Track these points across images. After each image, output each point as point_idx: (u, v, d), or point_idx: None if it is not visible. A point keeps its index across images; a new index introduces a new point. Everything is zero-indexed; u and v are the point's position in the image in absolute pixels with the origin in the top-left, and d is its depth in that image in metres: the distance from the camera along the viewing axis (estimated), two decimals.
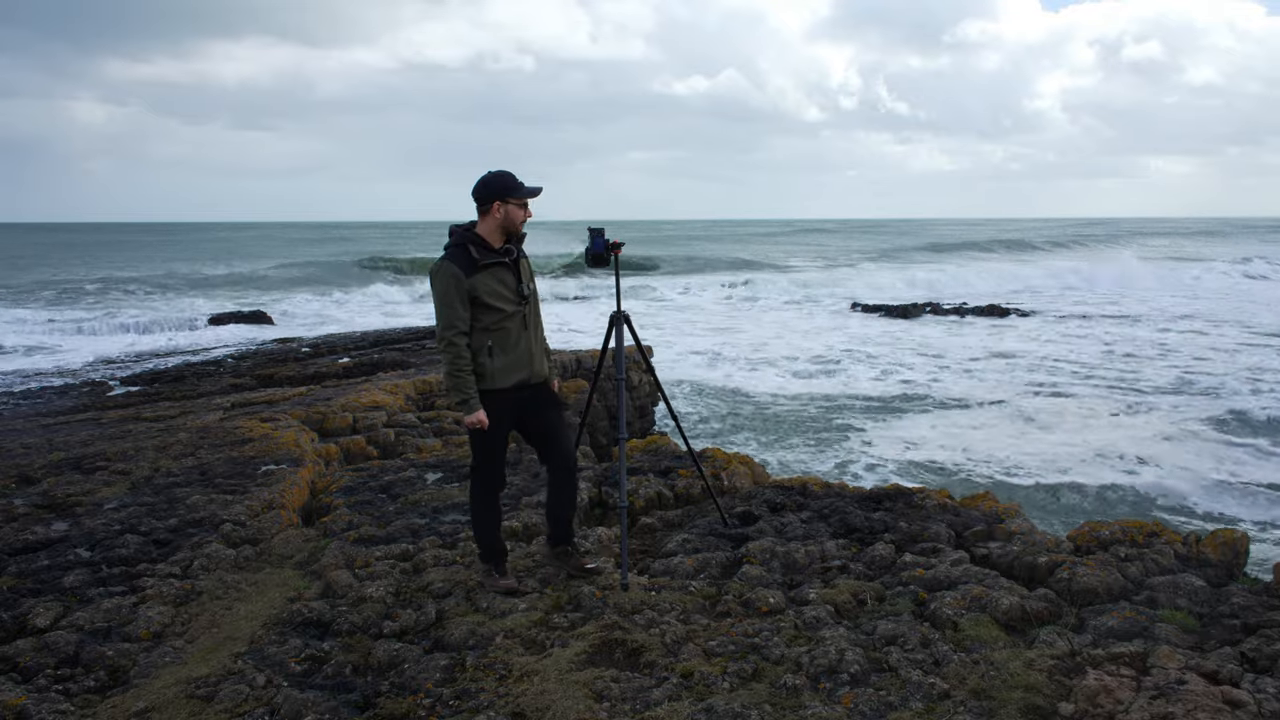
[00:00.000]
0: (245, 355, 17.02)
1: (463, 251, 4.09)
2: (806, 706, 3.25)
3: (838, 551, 4.83)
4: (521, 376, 4.25)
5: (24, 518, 5.69)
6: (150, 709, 3.43)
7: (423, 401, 9.91)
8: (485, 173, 4.17)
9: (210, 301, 32.83)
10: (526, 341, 4.26)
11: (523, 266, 4.27)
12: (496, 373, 4.17)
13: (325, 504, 6.09)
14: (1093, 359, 20.97)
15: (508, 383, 4.21)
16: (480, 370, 4.16)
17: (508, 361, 4.19)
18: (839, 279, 43.01)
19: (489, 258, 4.10)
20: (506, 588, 4.41)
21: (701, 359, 21.69)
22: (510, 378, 4.21)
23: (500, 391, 4.20)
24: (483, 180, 4.13)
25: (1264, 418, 14.78)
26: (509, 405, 4.25)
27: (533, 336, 4.30)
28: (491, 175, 4.13)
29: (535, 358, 4.31)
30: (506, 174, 4.15)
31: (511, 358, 4.20)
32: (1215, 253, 62.46)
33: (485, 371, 4.16)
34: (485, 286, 4.09)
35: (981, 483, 11.55)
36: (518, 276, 4.22)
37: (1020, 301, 33.94)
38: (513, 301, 4.18)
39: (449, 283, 4.04)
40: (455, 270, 4.05)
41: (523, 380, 4.26)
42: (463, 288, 4.04)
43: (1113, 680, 3.29)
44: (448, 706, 3.41)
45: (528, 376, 4.28)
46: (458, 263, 4.06)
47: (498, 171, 4.15)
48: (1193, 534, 4.75)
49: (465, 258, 4.07)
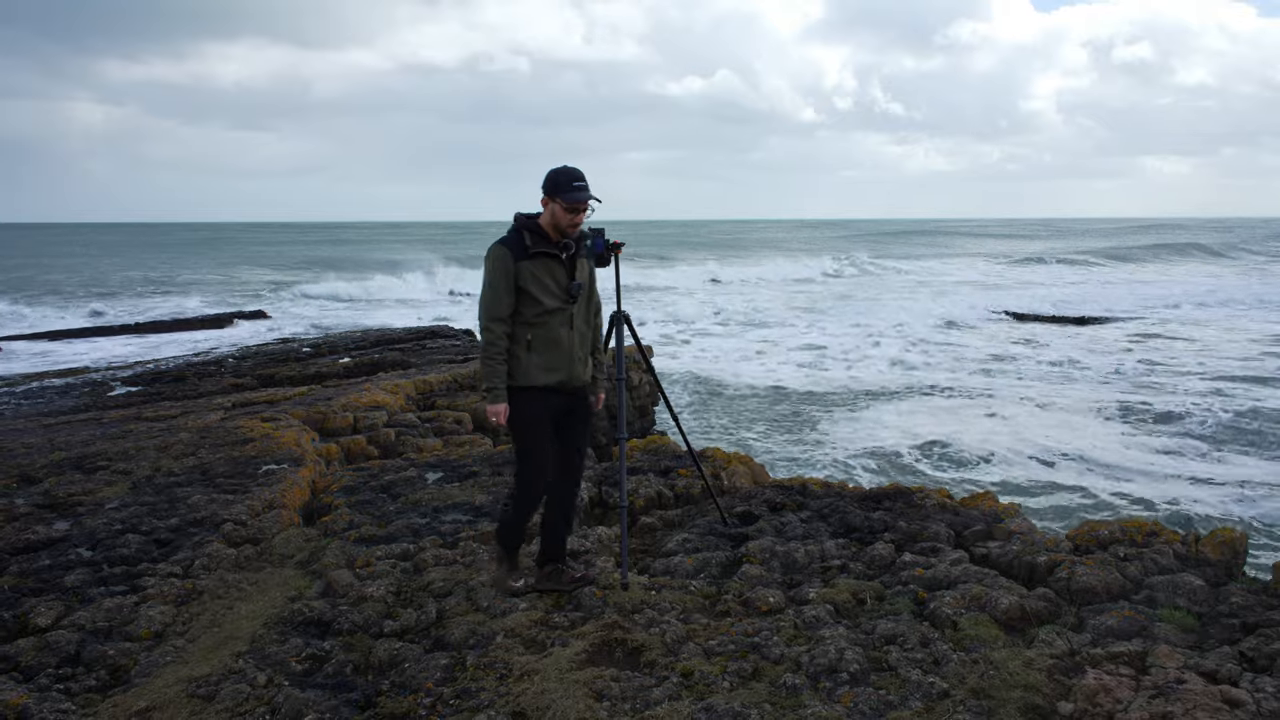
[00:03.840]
0: (246, 355, 17.03)
1: (517, 236, 3.99)
2: (806, 706, 3.25)
3: (837, 551, 4.83)
4: (559, 377, 4.06)
5: (25, 517, 5.70)
6: (151, 708, 3.44)
7: (423, 401, 9.92)
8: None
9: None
10: (569, 342, 4.07)
11: (580, 265, 4.09)
12: (531, 368, 4.02)
13: (326, 503, 6.09)
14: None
15: (543, 381, 4.03)
16: (514, 363, 4.02)
17: (546, 359, 4.02)
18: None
19: (541, 247, 3.97)
20: (512, 590, 4.32)
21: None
22: (547, 376, 4.03)
23: (534, 389, 4.04)
24: (548, 172, 4.02)
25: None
26: (545, 404, 4.07)
27: (577, 338, 4.10)
28: (554, 170, 4.00)
29: (576, 361, 4.11)
30: (565, 173, 3.98)
31: (550, 356, 4.03)
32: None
33: (519, 366, 4.02)
34: (531, 275, 3.96)
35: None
36: (570, 273, 4.05)
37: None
38: (558, 297, 4.01)
39: (496, 265, 3.96)
40: (505, 252, 3.96)
41: (560, 382, 4.07)
42: (510, 272, 3.94)
43: (1112, 679, 3.30)
44: (448, 706, 3.42)
45: (565, 379, 4.08)
46: (509, 245, 3.97)
47: (560, 168, 4.00)
48: (1192, 533, 4.75)
49: (518, 242, 3.97)
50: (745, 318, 30.80)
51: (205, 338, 22.93)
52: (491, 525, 5.37)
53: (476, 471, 6.60)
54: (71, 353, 20.54)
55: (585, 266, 4.15)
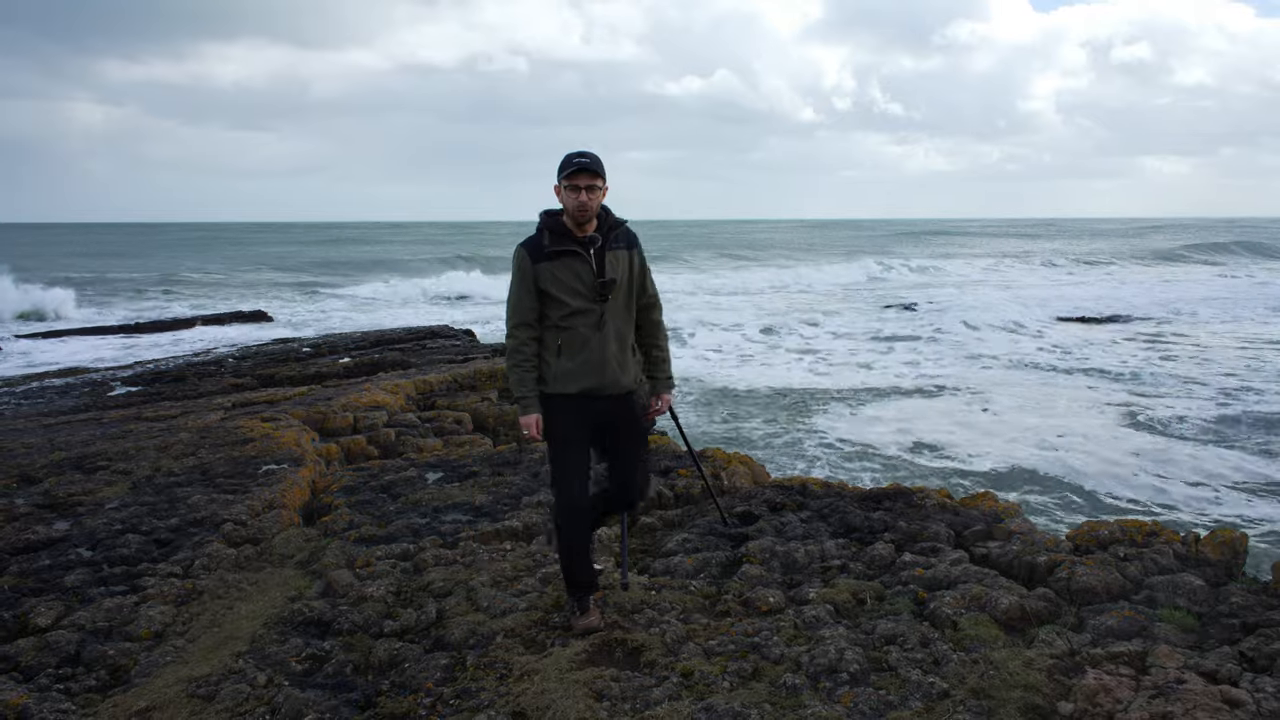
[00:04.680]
0: (246, 355, 17.03)
1: (537, 236, 3.75)
2: (806, 706, 3.25)
3: (837, 551, 4.83)
4: (589, 384, 3.75)
5: (25, 517, 5.70)
6: (151, 708, 3.44)
7: (423, 401, 9.92)
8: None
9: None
10: (599, 344, 3.73)
11: (611, 259, 3.75)
12: (560, 375, 3.75)
13: (326, 503, 6.09)
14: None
15: (573, 388, 3.75)
16: (544, 370, 3.79)
17: (575, 365, 3.73)
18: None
19: (561, 244, 3.70)
20: (586, 627, 3.89)
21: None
22: (575, 383, 3.74)
23: (564, 397, 3.76)
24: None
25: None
26: (578, 414, 3.78)
27: (609, 339, 3.75)
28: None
29: (609, 365, 3.75)
30: (568, 154, 3.68)
31: (578, 361, 3.73)
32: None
33: (548, 373, 3.77)
34: (552, 276, 3.69)
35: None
36: (597, 269, 3.73)
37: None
38: (584, 296, 3.70)
39: (516, 268, 3.75)
40: (523, 254, 3.74)
41: (591, 388, 3.76)
42: (528, 275, 3.72)
43: (1112, 679, 3.30)
44: (448, 706, 3.42)
45: (597, 385, 3.76)
46: (528, 247, 3.75)
47: (570, 151, 3.71)
48: (1192, 534, 4.75)
49: (537, 243, 3.73)
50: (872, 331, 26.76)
51: (205, 338, 22.94)
52: (492, 526, 5.38)
53: (476, 471, 6.61)
54: (69, 352, 20.55)
55: (621, 259, 3.79)
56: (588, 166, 3.62)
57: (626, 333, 3.84)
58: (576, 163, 3.62)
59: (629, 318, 3.85)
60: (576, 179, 3.63)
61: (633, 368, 3.88)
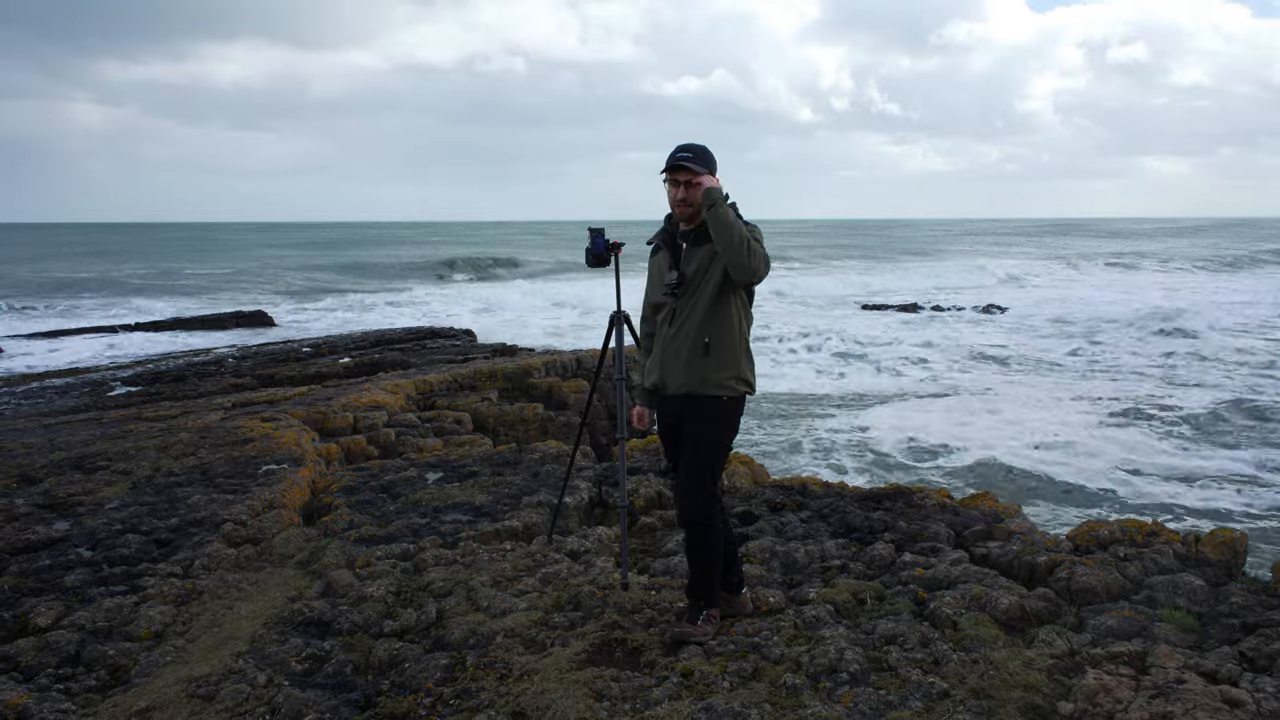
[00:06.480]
0: (246, 355, 17.04)
1: (659, 230, 3.85)
2: (806, 706, 3.25)
3: (837, 551, 4.83)
4: (653, 380, 3.76)
5: (25, 517, 5.70)
6: (151, 708, 3.44)
7: (423, 401, 9.93)
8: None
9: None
10: (665, 340, 3.68)
11: (693, 254, 3.64)
12: (645, 369, 3.85)
13: (326, 503, 6.09)
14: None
15: (647, 383, 3.82)
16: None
17: (649, 360, 3.81)
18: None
19: (660, 238, 3.80)
20: (702, 634, 3.75)
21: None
22: (648, 378, 3.81)
23: (649, 391, 3.84)
24: None
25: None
26: (662, 409, 3.80)
27: (681, 338, 3.62)
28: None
29: (667, 363, 3.66)
30: (675, 148, 3.64)
31: (652, 356, 3.78)
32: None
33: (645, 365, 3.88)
34: (651, 269, 3.84)
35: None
36: (672, 263, 3.69)
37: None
38: (661, 290, 3.72)
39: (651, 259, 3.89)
40: (649, 249, 3.88)
41: (654, 385, 3.76)
42: (649, 268, 3.87)
43: (1112, 679, 3.29)
44: (448, 706, 3.42)
45: (657, 382, 3.74)
46: (654, 239, 3.86)
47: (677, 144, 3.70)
48: (1192, 534, 4.75)
49: (655, 235, 3.85)
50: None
51: (205, 338, 22.93)
52: (492, 526, 5.38)
53: (476, 471, 6.61)
54: (69, 352, 20.55)
55: (701, 255, 3.61)
56: (681, 162, 3.56)
57: (704, 331, 3.59)
58: (674, 158, 3.58)
59: (710, 316, 3.60)
60: (674, 175, 3.59)
61: (705, 369, 3.61)
